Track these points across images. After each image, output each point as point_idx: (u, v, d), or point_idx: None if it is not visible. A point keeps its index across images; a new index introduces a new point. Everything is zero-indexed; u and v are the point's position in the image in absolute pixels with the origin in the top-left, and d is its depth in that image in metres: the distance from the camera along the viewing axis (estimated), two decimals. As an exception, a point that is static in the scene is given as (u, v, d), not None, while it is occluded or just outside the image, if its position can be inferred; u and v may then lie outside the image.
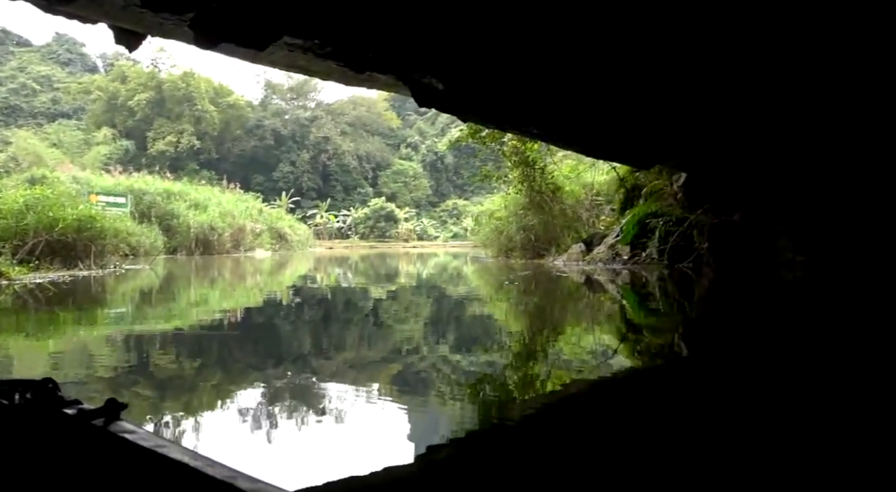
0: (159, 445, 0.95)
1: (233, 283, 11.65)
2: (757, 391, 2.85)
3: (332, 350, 4.36)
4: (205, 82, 62.39)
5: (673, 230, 11.72)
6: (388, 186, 67.04)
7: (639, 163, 7.76)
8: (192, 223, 25.40)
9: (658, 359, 3.90)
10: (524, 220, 16.14)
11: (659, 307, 6.61)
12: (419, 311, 6.58)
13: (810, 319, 5.56)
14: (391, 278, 12.41)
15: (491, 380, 3.23)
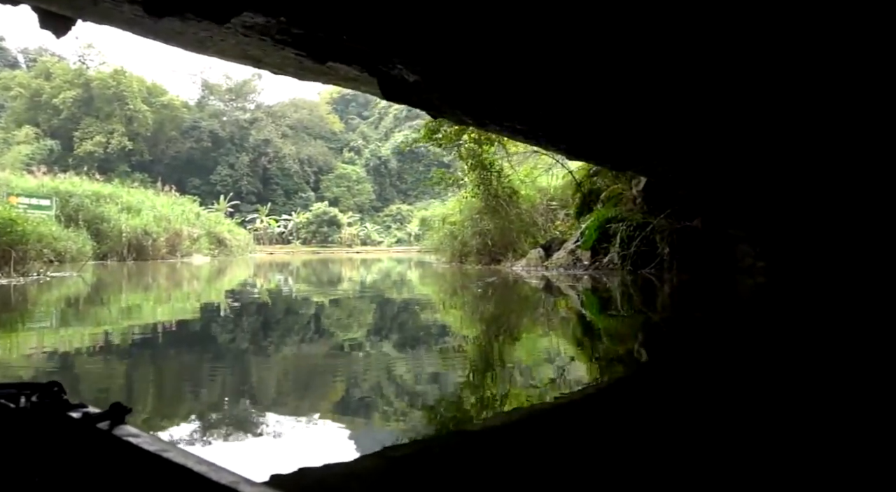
0: (164, 449, 0.93)
1: (168, 290, 10.76)
2: (717, 398, 2.81)
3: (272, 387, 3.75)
4: (137, 81, 59.74)
5: (634, 235, 11.54)
6: (330, 191, 65.81)
7: (620, 165, 7.46)
8: (124, 227, 23.97)
9: (626, 367, 3.73)
10: (480, 224, 15.73)
11: (625, 313, 6.28)
12: (403, 336, 5.46)
13: (772, 325, 5.44)
14: (339, 286, 11.74)
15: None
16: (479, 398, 2.90)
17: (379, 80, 6.88)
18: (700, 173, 7.81)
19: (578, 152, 6.50)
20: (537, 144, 6.11)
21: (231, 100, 68.32)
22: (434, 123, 14.39)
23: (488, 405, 2.77)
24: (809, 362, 3.58)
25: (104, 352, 4.21)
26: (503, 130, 5.74)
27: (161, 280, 13.89)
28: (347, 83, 8.41)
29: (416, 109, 31.19)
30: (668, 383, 3.14)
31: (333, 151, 71.35)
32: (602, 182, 14.00)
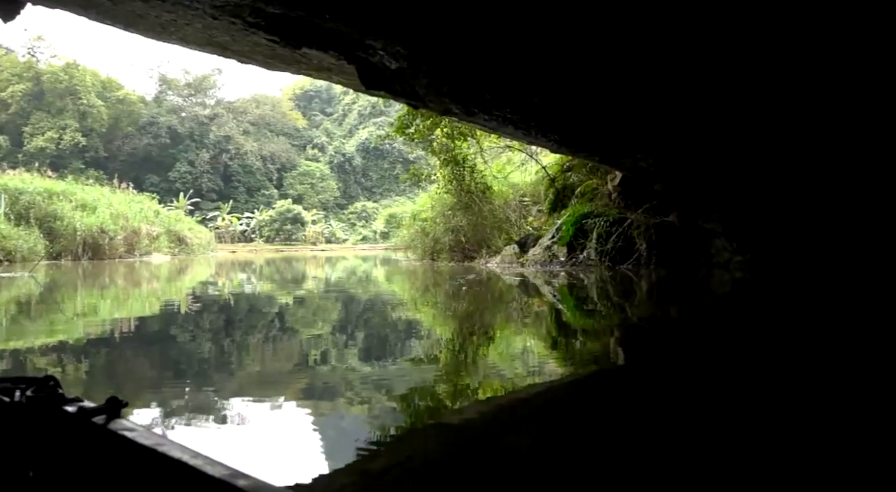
0: (159, 443, 0.92)
1: (126, 290, 10.17)
2: (694, 396, 2.73)
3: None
4: (90, 75, 57.74)
5: (611, 231, 11.40)
6: (294, 188, 64.69)
7: (608, 157, 7.21)
8: (78, 226, 22.96)
9: (609, 366, 3.59)
10: (452, 220, 15.41)
11: (613, 312, 6.07)
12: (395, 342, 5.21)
13: (754, 321, 5.32)
14: (306, 285, 11.30)
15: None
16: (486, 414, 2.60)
17: (358, 69, 6.52)
18: (686, 166, 7.65)
19: (569, 143, 6.23)
20: (526, 136, 5.82)
21: (190, 95, 66.50)
22: (407, 117, 14.02)
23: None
24: (791, 359, 3.50)
25: (52, 355, 3.85)
26: (492, 119, 5.44)
27: (119, 280, 13.26)
28: (320, 73, 8.01)
29: (381, 106, 31.03)
30: (647, 381, 3.06)
31: (296, 147, 70.15)
32: (576, 177, 13.84)
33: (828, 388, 2.81)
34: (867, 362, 3.36)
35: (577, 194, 13.33)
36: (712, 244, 10.83)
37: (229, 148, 62.49)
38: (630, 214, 11.46)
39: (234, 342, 4.56)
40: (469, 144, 15.20)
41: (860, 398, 2.61)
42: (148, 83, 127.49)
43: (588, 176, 13.29)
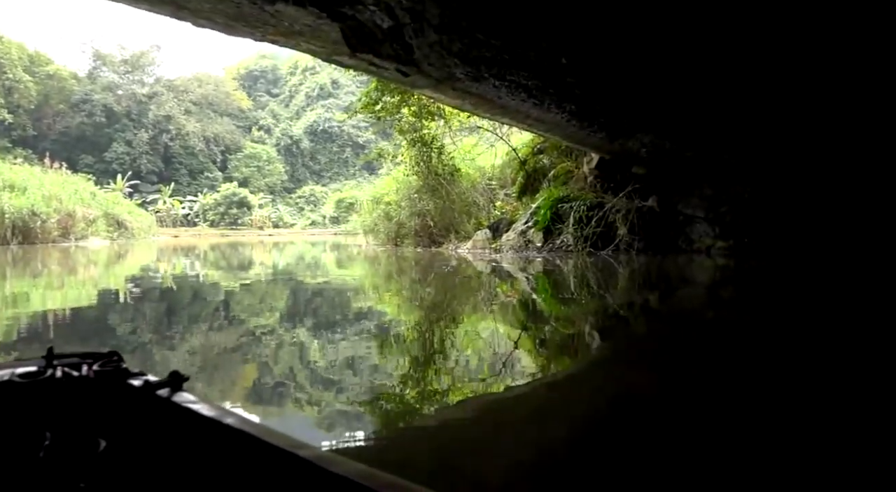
0: (222, 415, 0.93)
1: (61, 277, 9.11)
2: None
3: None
4: (16, 48, 53.84)
5: (589, 216, 10.94)
6: (239, 171, 62.36)
7: (616, 133, 6.63)
8: (6, 208, 21.25)
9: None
10: (419, 204, 14.66)
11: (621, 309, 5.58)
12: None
13: (746, 310, 5.01)
14: (258, 271, 10.43)
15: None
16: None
17: (343, 28, 5.75)
18: (681, 147, 7.20)
19: (584, 115, 5.58)
20: (536, 106, 5.16)
21: (127, 72, 62.93)
22: (376, 93, 13.16)
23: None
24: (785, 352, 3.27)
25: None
26: (501, 86, 4.77)
27: (52, 266, 12.08)
28: (288, 39, 7.15)
29: (329, 88, 29.80)
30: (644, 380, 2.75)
31: (241, 129, 67.59)
32: (548, 160, 13.33)
33: (824, 381, 2.64)
34: (864, 356, 3.12)
35: (549, 178, 12.81)
36: (693, 230, 10.52)
37: (170, 128, 59.60)
38: (608, 198, 11.02)
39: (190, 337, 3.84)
40: (436, 124, 14.47)
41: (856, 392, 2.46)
42: (80, 58, 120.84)
43: (561, 158, 12.80)
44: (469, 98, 8.23)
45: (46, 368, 1.10)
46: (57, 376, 1.08)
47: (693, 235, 10.48)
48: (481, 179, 15.42)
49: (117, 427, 1.03)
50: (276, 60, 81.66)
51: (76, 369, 1.11)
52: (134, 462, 0.99)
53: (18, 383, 1.05)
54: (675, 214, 10.60)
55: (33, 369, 1.09)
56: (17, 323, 4.42)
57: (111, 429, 1.03)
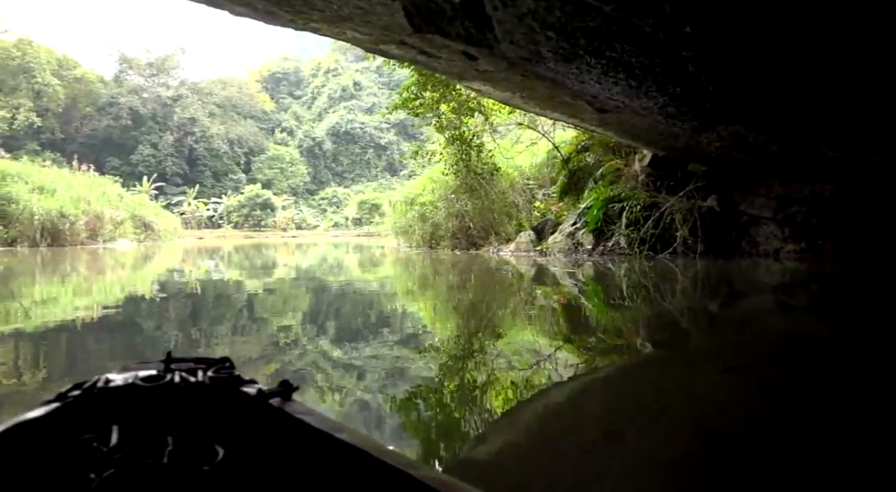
0: (335, 428, 0.93)
1: (91, 281, 8.60)
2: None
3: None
4: (45, 52, 54.22)
5: (643, 216, 10.23)
6: (262, 173, 62.31)
7: (704, 125, 5.92)
8: (36, 209, 21.00)
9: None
10: (456, 205, 14.03)
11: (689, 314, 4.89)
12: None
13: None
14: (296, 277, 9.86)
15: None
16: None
17: (406, 6, 5.15)
18: (764, 141, 6.48)
19: (684, 101, 4.85)
20: (632, 89, 4.48)
21: (152, 75, 63.22)
22: (414, 89, 12.56)
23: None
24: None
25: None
26: (596, 66, 4.11)
27: (81, 268, 11.67)
28: (333, 25, 6.55)
29: (351, 89, 29.17)
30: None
31: (264, 131, 67.60)
32: (593, 158, 12.64)
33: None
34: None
35: (596, 176, 12.11)
36: (759, 231, 9.76)
37: (194, 130, 59.72)
38: (663, 197, 10.31)
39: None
40: (475, 121, 13.82)
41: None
42: (107, 62, 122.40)
43: (609, 156, 12.10)
44: (529, 88, 7.58)
45: (165, 372, 1.11)
46: (175, 381, 1.08)
47: (758, 236, 9.73)
48: (520, 179, 14.75)
49: (232, 435, 1.02)
50: (299, 62, 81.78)
51: (192, 375, 1.11)
52: (249, 472, 0.97)
53: (141, 386, 1.06)
54: (737, 214, 9.87)
55: (153, 372, 1.10)
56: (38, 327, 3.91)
57: (227, 437, 1.01)
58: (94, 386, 1.04)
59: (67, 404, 1.00)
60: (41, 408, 0.98)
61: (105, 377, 1.07)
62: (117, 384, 1.05)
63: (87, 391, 1.03)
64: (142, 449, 0.93)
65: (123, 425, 0.98)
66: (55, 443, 0.95)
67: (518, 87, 7.93)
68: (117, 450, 0.90)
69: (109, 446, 0.91)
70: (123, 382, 1.06)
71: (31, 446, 0.92)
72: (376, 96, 71.45)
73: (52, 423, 0.96)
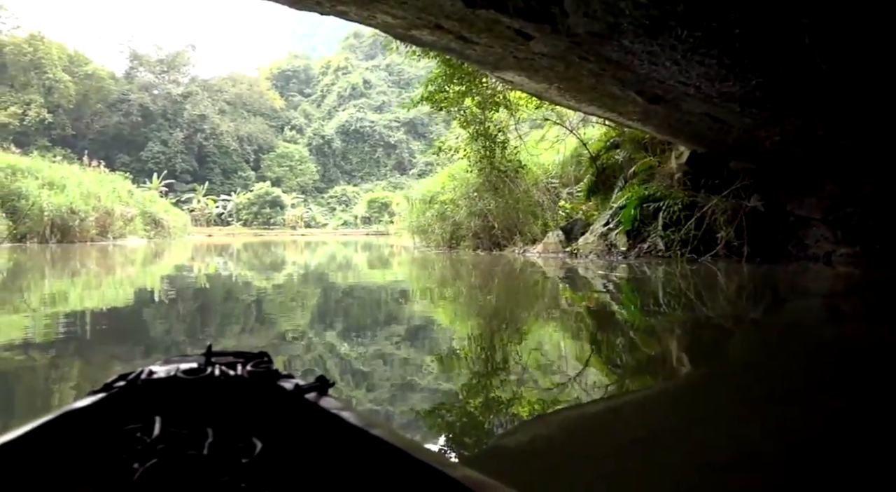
0: (371, 424, 0.92)
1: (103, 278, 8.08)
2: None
3: None
4: (57, 48, 53.97)
5: (683, 216, 9.62)
6: (272, 171, 61.89)
7: (778, 115, 5.31)
8: (45, 205, 20.60)
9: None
10: (479, 203, 13.43)
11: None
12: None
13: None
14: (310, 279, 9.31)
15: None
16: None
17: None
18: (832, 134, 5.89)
19: (769, 88, 4.29)
20: (716, 72, 3.90)
21: (163, 72, 62.87)
22: (438, 82, 11.97)
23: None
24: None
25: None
26: (687, 39, 3.55)
27: (93, 265, 11.20)
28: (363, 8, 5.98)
29: (361, 88, 28.58)
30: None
31: (274, 129, 67.18)
32: (622, 156, 12.03)
33: None
34: None
35: (627, 174, 11.51)
36: (808, 234, 9.14)
37: (204, 128, 59.35)
38: (703, 197, 9.71)
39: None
40: (500, 116, 13.21)
41: None
42: (118, 58, 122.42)
43: (641, 153, 11.49)
44: (572, 78, 7.04)
45: (206, 365, 1.11)
46: (215, 374, 1.08)
47: (807, 239, 9.12)
48: (544, 177, 14.14)
49: (270, 429, 1.02)
50: (309, 60, 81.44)
51: (231, 368, 1.11)
52: (285, 466, 0.96)
53: (183, 379, 1.06)
54: (783, 215, 9.26)
55: (194, 365, 1.11)
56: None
57: (264, 430, 1.01)
58: (139, 378, 1.05)
59: (113, 394, 1.02)
60: (88, 398, 1.00)
61: (148, 369, 1.08)
62: (160, 376, 1.07)
63: (131, 383, 1.05)
64: (183, 441, 0.92)
65: (165, 416, 0.98)
66: (101, 432, 0.96)
67: (559, 77, 7.37)
68: (160, 441, 0.90)
69: (152, 437, 0.91)
70: (166, 374, 1.07)
71: (78, 434, 0.93)
72: (386, 95, 70.99)
73: (98, 413, 0.98)
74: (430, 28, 6.58)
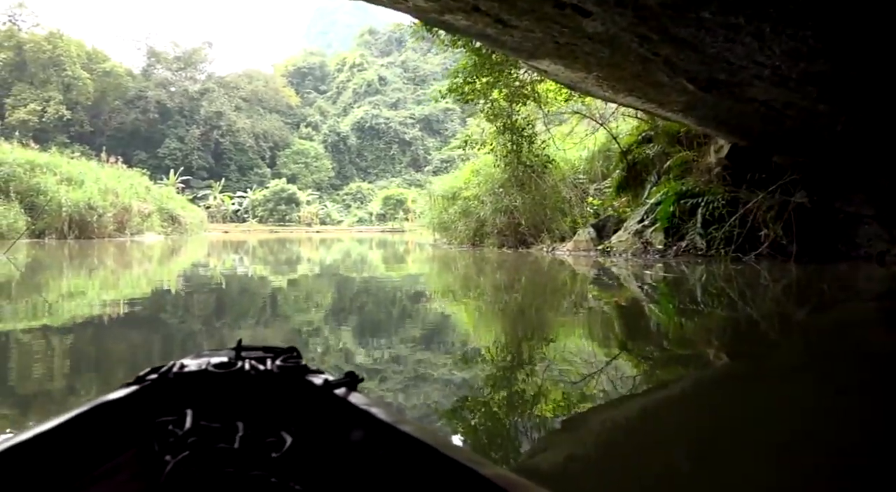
0: (400, 420, 0.90)
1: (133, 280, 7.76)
2: None
3: None
4: (75, 45, 54.06)
5: (726, 213, 9.12)
6: (287, 167, 61.72)
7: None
8: (64, 201, 20.45)
9: None
10: (505, 200, 12.97)
11: None
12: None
13: None
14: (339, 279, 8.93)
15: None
16: None
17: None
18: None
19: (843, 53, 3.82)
20: (811, 50, 3.46)
21: (180, 69, 62.88)
22: (467, 73, 11.48)
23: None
24: None
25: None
26: (775, 25, 3.11)
27: (111, 262, 10.93)
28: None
29: (376, 84, 28.28)
30: None
31: (289, 126, 67.03)
32: (654, 150, 11.52)
33: None
34: None
35: (661, 170, 11.01)
36: (859, 232, 8.62)
37: (220, 124, 59.29)
38: (744, 193, 9.21)
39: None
40: (527, 109, 12.73)
41: None
42: (135, 56, 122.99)
43: (677, 147, 10.98)
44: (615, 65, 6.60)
45: (237, 359, 1.12)
46: (246, 368, 1.08)
47: (858, 237, 8.59)
48: (571, 173, 13.64)
49: (299, 424, 1.02)
50: (324, 57, 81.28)
51: (262, 363, 1.11)
52: (316, 461, 0.96)
53: (214, 372, 1.07)
54: (832, 212, 8.74)
55: (225, 359, 1.11)
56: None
57: (294, 425, 1.01)
58: (171, 371, 1.05)
59: (146, 386, 1.02)
60: (122, 389, 1.00)
61: (180, 362, 1.09)
62: (191, 370, 1.07)
63: (163, 375, 1.04)
64: (214, 434, 0.92)
65: (197, 409, 0.97)
66: (133, 424, 0.96)
67: (600, 64, 6.93)
68: (191, 434, 0.90)
69: (184, 430, 0.91)
70: (197, 367, 1.08)
71: (111, 426, 0.93)
72: (401, 92, 70.61)
73: (131, 405, 0.98)
74: (465, 11, 6.15)
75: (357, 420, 0.95)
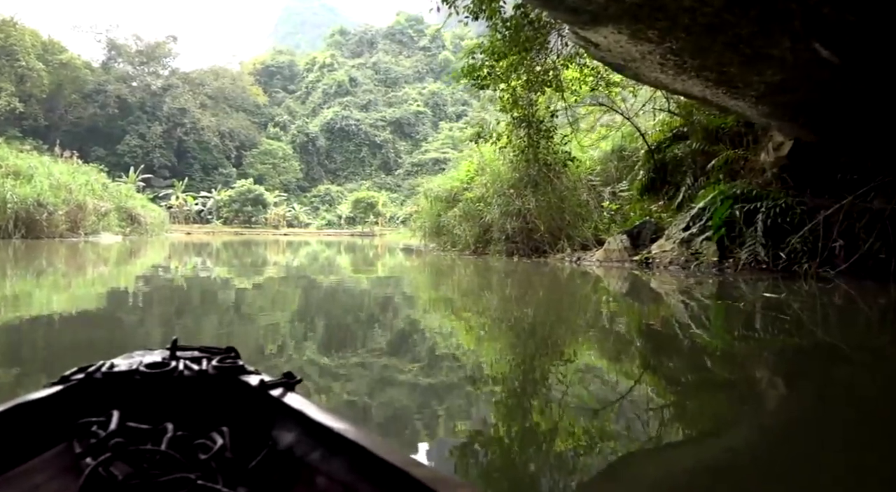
0: (334, 421, 0.89)
1: (76, 289, 5.99)
2: None
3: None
4: (30, 34, 50.60)
5: (794, 221, 7.73)
6: (254, 168, 59.10)
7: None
8: (10, 197, 18.18)
9: None
10: (516, 202, 11.39)
11: None
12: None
13: None
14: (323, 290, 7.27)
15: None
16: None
17: None
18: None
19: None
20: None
21: (142, 63, 59.63)
22: (500, 46, 9.80)
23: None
24: None
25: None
26: None
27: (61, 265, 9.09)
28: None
29: (346, 85, 26.28)
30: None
31: (257, 125, 64.36)
32: (686, 148, 10.13)
33: None
34: None
35: (704, 169, 9.61)
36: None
37: (184, 122, 56.36)
38: (809, 198, 7.86)
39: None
40: (546, 99, 11.18)
41: None
42: (95, 48, 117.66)
43: (714, 145, 9.61)
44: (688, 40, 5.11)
45: (171, 359, 1.08)
46: (179, 368, 1.05)
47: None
48: (585, 174, 12.14)
49: (233, 425, 0.98)
50: (293, 56, 78.76)
51: (197, 363, 1.07)
52: (246, 462, 0.92)
53: (144, 372, 1.03)
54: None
55: (158, 359, 1.08)
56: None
57: (227, 426, 0.96)
58: (98, 370, 1.02)
59: (70, 386, 0.99)
60: (44, 390, 0.96)
61: (110, 362, 1.05)
62: (121, 369, 1.04)
63: (90, 375, 1.01)
64: (141, 435, 0.90)
65: (125, 410, 0.94)
66: (55, 425, 0.93)
67: (690, 30, 5.46)
68: (116, 434, 0.88)
69: (108, 431, 0.88)
70: (128, 367, 1.04)
71: (30, 427, 0.91)
72: (372, 93, 68.75)
73: (54, 405, 0.95)
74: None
75: (291, 421, 0.92)
